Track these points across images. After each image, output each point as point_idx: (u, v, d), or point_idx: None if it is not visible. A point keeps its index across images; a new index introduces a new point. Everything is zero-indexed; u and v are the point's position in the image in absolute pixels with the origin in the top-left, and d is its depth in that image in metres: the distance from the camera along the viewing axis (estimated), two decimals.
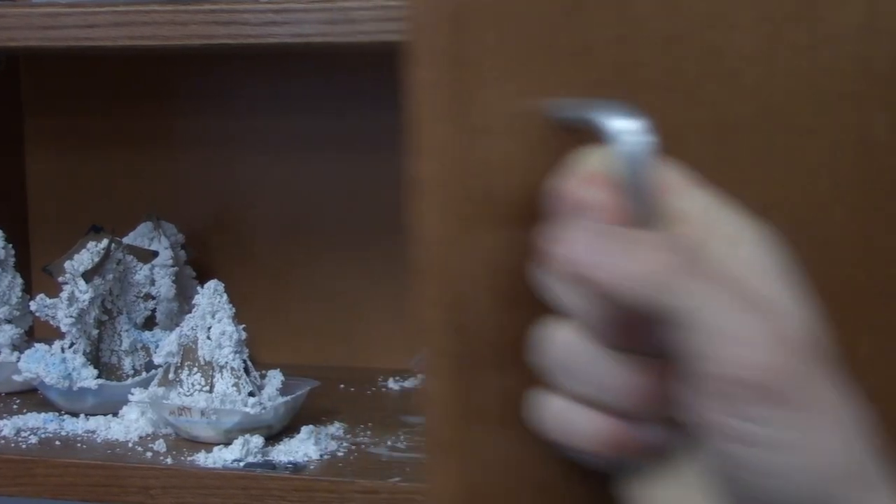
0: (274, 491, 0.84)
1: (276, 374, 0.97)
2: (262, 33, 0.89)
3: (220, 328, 0.94)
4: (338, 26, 0.87)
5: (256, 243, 1.23)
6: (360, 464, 0.88)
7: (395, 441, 0.94)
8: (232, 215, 1.24)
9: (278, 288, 1.23)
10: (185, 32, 0.90)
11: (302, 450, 0.90)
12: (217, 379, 0.94)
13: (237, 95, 1.22)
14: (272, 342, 1.19)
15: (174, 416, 0.93)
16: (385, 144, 1.18)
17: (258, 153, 1.22)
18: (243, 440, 0.89)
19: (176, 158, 1.24)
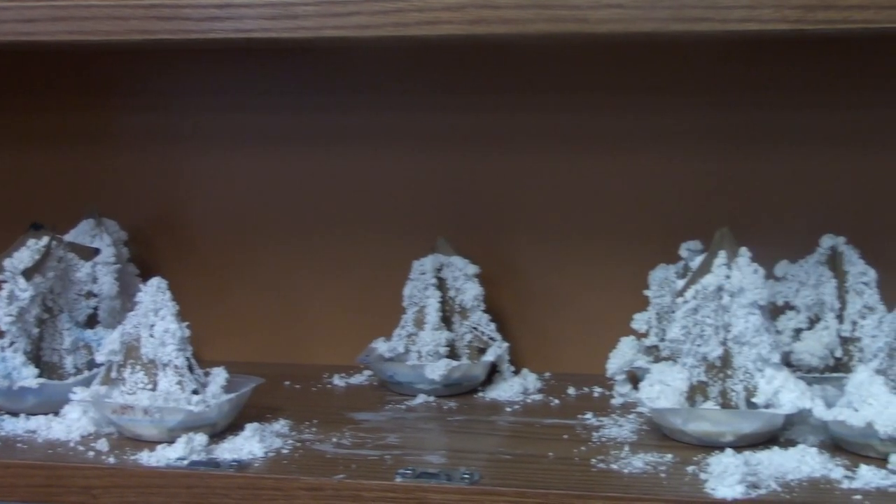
0: (218, 489, 0.83)
1: (221, 371, 0.96)
2: (204, 29, 0.88)
3: (163, 326, 0.93)
4: (280, 21, 0.86)
5: (200, 240, 1.22)
6: (305, 461, 0.88)
7: (340, 438, 0.93)
8: (175, 212, 1.23)
9: (222, 285, 1.22)
10: (126, 27, 0.89)
11: (246, 447, 0.89)
12: (160, 377, 0.93)
13: (179, 91, 1.21)
14: (216, 340, 1.18)
15: (117, 415, 0.92)
16: (328, 140, 1.19)
17: (201, 149, 1.21)
18: (187, 438, 0.89)
19: (118, 155, 1.23)
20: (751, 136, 1.10)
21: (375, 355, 1.10)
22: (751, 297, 0.90)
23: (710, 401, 0.91)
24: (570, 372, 1.13)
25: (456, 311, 1.10)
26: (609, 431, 0.94)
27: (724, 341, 0.91)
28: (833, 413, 0.87)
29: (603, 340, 1.06)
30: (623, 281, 1.11)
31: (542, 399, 1.06)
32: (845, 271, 1.03)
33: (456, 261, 1.11)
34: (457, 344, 1.10)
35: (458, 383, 1.07)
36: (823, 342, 1.02)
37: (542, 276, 1.16)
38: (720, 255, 0.92)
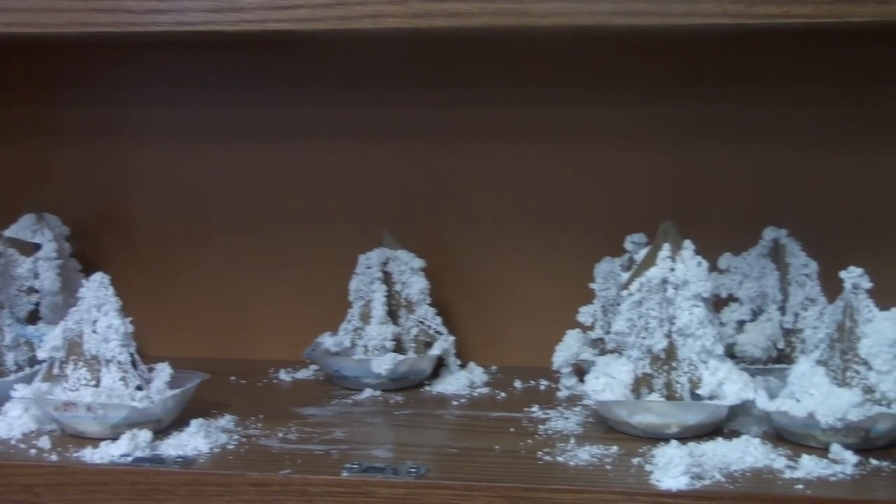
0: (162, 485, 0.83)
1: (165, 367, 0.95)
2: (146, 21, 0.87)
3: (106, 321, 0.92)
4: (223, 14, 0.85)
5: (143, 235, 1.21)
6: (251, 456, 0.87)
7: (286, 433, 0.93)
8: (118, 207, 1.21)
9: (166, 280, 1.21)
10: (65, 20, 0.87)
11: (191, 443, 0.89)
12: (103, 373, 0.92)
13: (121, 85, 1.20)
14: (160, 335, 1.18)
15: (59, 412, 0.91)
16: (273, 135, 1.18)
17: (144, 144, 1.20)
18: (131, 435, 0.88)
19: (58, 149, 1.22)
20: (694, 129, 1.11)
21: (321, 350, 1.10)
22: (695, 290, 0.91)
23: (655, 393, 0.91)
24: (516, 365, 1.13)
25: (402, 305, 1.10)
26: (555, 424, 0.95)
27: (668, 333, 0.92)
28: (775, 404, 0.88)
29: (549, 333, 1.06)
30: (568, 274, 1.12)
31: (489, 392, 1.06)
32: (787, 263, 1.04)
33: (402, 255, 1.11)
34: (403, 338, 1.10)
35: (404, 377, 1.07)
36: (766, 334, 1.03)
37: (487, 270, 1.16)
38: (664, 247, 0.92)
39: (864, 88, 1.07)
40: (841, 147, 1.08)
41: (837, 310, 0.89)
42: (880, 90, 1.07)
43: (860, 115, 1.08)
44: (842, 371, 0.87)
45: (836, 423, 0.84)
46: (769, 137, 1.09)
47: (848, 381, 0.87)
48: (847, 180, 1.09)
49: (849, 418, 0.84)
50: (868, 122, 1.08)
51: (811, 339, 1.00)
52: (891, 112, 1.07)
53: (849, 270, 0.88)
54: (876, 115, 1.07)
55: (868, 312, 0.88)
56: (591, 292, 1.08)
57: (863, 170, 1.08)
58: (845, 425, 0.84)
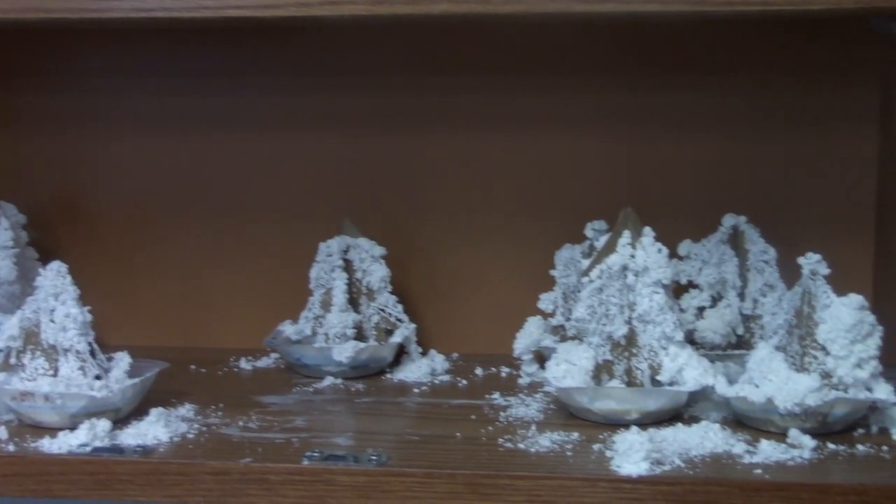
0: (122, 475, 0.82)
1: (124, 356, 0.95)
2: (103, 7, 0.86)
3: (63, 311, 0.92)
4: (180, 1, 0.85)
5: (101, 223, 1.20)
6: (211, 445, 0.87)
7: (246, 421, 0.92)
8: (76, 195, 1.20)
9: (125, 268, 1.20)
10: (23, 5, 0.87)
11: (151, 432, 0.88)
12: (62, 363, 0.91)
13: (78, 73, 1.19)
14: (119, 324, 1.17)
15: (17, 402, 0.90)
16: (233, 123, 1.17)
17: (102, 132, 1.19)
18: (90, 424, 0.87)
19: (16, 137, 1.20)
20: (654, 117, 1.11)
21: (282, 338, 1.10)
22: (655, 276, 0.91)
23: (616, 379, 0.92)
24: (477, 352, 1.13)
25: (363, 292, 1.10)
26: (516, 411, 0.95)
27: (629, 320, 0.92)
28: (735, 389, 0.89)
29: (510, 321, 1.06)
30: (529, 261, 1.12)
31: (450, 380, 1.07)
32: (746, 250, 1.04)
33: (362, 242, 1.10)
34: (364, 326, 1.09)
35: (365, 365, 1.07)
36: (726, 320, 1.03)
37: (448, 258, 1.16)
38: (625, 234, 0.92)
39: (821, 76, 1.08)
40: (800, 134, 1.09)
41: (796, 296, 0.90)
42: (837, 78, 1.08)
43: (817, 103, 1.08)
44: (800, 356, 0.88)
45: (795, 408, 0.85)
46: (728, 125, 1.10)
47: (806, 366, 0.88)
48: (806, 167, 1.09)
49: (807, 403, 0.84)
50: (825, 111, 1.08)
51: (770, 325, 1.01)
52: (846, 100, 1.08)
53: (807, 257, 0.89)
54: (832, 104, 1.08)
55: (826, 298, 0.88)
56: (551, 279, 1.08)
57: (821, 157, 1.09)
58: (803, 410, 0.85)
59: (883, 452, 0.83)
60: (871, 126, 1.07)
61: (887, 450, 0.84)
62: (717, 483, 0.78)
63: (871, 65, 1.06)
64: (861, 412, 0.88)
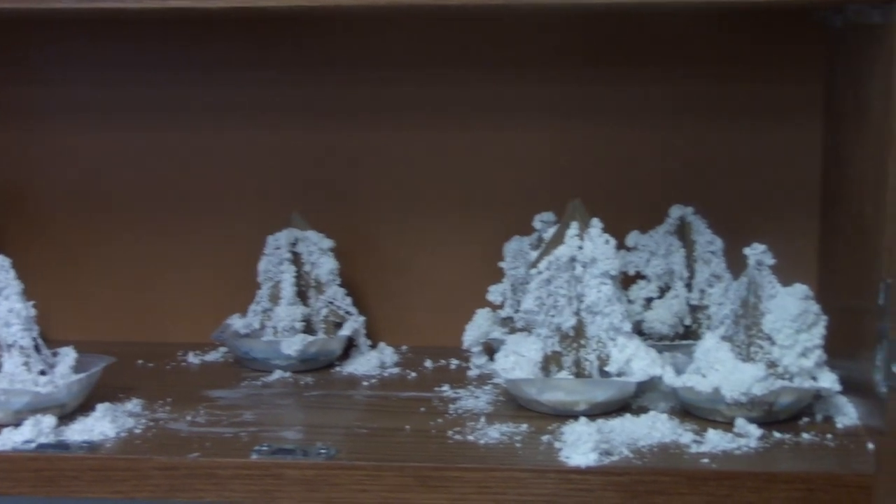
0: (68, 472, 0.82)
1: (69, 351, 0.94)
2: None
3: (7, 306, 0.91)
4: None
5: (45, 216, 1.19)
6: (159, 440, 0.86)
7: (195, 416, 0.92)
8: (19, 187, 1.19)
9: (70, 262, 1.19)
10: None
11: (98, 428, 0.88)
12: (5, 358, 0.90)
13: (22, 63, 1.17)
14: (64, 319, 1.15)
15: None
16: (178, 114, 1.16)
17: (44, 122, 1.17)
18: (34, 420, 0.86)
19: None
20: (602, 109, 1.11)
21: (230, 332, 1.09)
22: (603, 268, 0.92)
23: (565, 370, 0.92)
24: (426, 345, 1.13)
25: (311, 285, 1.10)
26: (465, 403, 0.95)
27: (577, 311, 0.92)
28: (682, 380, 0.89)
29: (459, 313, 1.06)
30: (478, 253, 1.12)
31: (399, 372, 1.06)
32: (693, 241, 1.05)
33: (310, 235, 1.10)
34: (313, 319, 1.09)
35: (314, 358, 1.07)
36: (673, 311, 1.04)
37: (397, 250, 1.16)
38: (572, 226, 0.93)
39: (766, 69, 1.09)
40: (745, 126, 1.10)
41: (742, 286, 0.91)
42: (782, 71, 1.09)
43: (762, 95, 1.09)
44: (746, 346, 0.89)
45: (741, 398, 0.85)
46: (675, 117, 1.10)
47: (752, 356, 0.88)
48: (751, 159, 1.10)
49: (753, 392, 0.85)
50: (770, 103, 1.09)
51: (717, 316, 1.01)
52: (791, 92, 1.09)
53: (752, 247, 0.90)
54: (777, 96, 1.09)
55: (771, 288, 0.89)
56: (500, 271, 1.08)
57: (767, 148, 1.10)
58: (749, 399, 0.86)
59: (827, 441, 0.84)
60: (815, 118, 1.08)
61: (831, 438, 0.85)
62: (665, 473, 0.78)
63: (815, 58, 1.07)
64: (806, 401, 0.89)
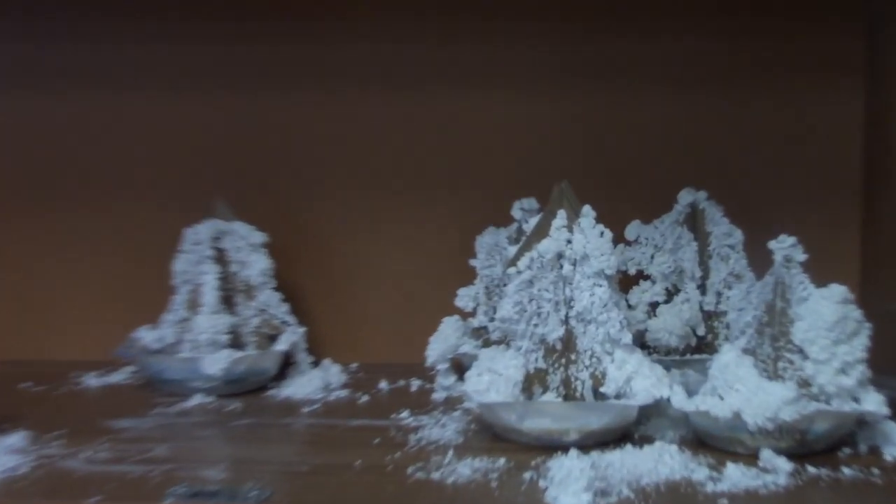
0: None
1: None
2: None
3: None
4: None
5: None
6: (50, 482, 0.86)
7: (94, 451, 0.91)
8: None
9: None
10: None
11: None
12: None
13: None
14: None
15: None
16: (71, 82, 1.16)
17: None
18: None
19: None
20: (597, 71, 1.12)
21: (138, 347, 1.09)
22: (597, 266, 0.92)
23: (551, 392, 0.92)
24: (381, 362, 1.13)
25: (239, 289, 1.10)
26: (430, 433, 0.95)
27: (565, 319, 0.92)
28: (695, 403, 0.89)
29: (421, 322, 1.06)
30: (444, 249, 1.12)
31: (348, 395, 1.06)
32: (707, 232, 1.05)
33: (238, 228, 1.10)
34: (241, 330, 1.09)
35: (243, 379, 1.06)
36: (683, 318, 1.04)
37: (345, 245, 1.16)
38: (559, 215, 0.93)
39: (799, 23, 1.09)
40: (773, 92, 1.10)
41: (767, 288, 0.91)
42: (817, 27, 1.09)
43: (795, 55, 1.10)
44: (773, 361, 0.89)
45: (767, 424, 0.85)
46: (687, 81, 1.11)
47: (780, 372, 0.89)
48: (776, 129, 1.11)
49: (781, 418, 0.85)
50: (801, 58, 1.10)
51: (736, 324, 1.02)
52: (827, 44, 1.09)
53: (779, 240, 0.90)
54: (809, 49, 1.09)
55: (803, 290, 0.89)
56: (471, 271, 1.08)
57: (798, 119, 1.10)
58: (777, 426, 0.86)
59: (873, 476, 0.84)
60: (855, 78, 1.08)
61: (878, 473, 0.85)
62: None
63: (854, 10, 1.07)
64: (847, 428, 0.89)
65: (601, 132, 1.11)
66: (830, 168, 1.10)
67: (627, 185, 1.11)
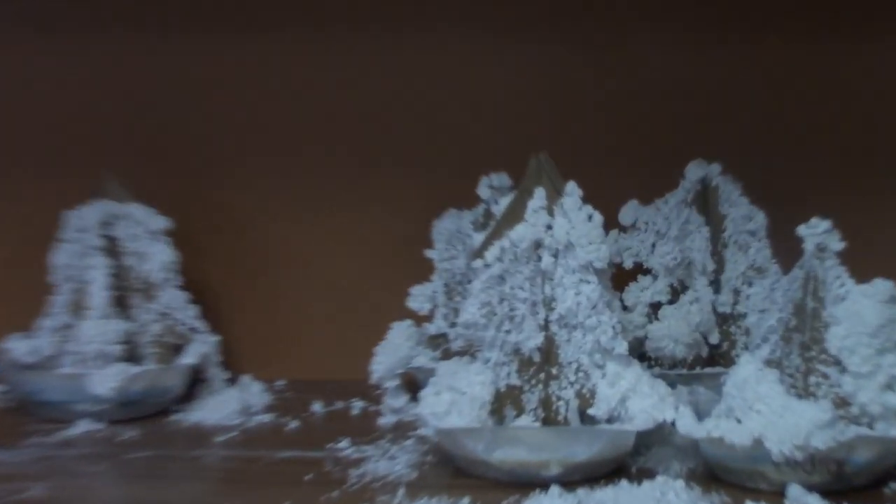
0: None
1: None
2: None
3: None
4: None
5: None
6: None
7: None
8: None
9: None
10: None
11: None
12: None
13: None
14: None
15: None
16: None
17: None
18: None
19: None
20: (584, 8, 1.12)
21: (8, 361, 1.08)
22: (583, 258, 0.92)
23: (527, 415, 0.92)
24: (315, 378, 1.14)
25: (136, 288, 1.09)
26: (376, 466, 0.95)
27: (545, 324, 0.92)
28: (707, 427, 0.90)
29: (364, 329, 1.07)
30: (393, 238, 1.12)
31: (273, 421, 1.06)
32: (722, 215, 1.06)
33: (134, 211, 1.10)
34: (138, 339, 1.09)
35: (140, 400, 1.06)
36: (692, 322, 1.05)
37: (269, 234, 1.16)
38: (537, 194, 0.93)
39: None
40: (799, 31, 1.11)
41: (795, 284, 0.91)
42: None
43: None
44: (803, 375, 0.90)
45: (796, 454, 0.86)
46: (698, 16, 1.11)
47: (812, 389, 0.89)
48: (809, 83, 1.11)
49: (814, 445, 0.86)
50: None
51: (758, 329, 1.02)
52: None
53: (811, 224, 0.90)
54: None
55: (840, 287, 0.90)
56: (427, 264, 1.09)
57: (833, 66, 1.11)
58: (809, 456, 0.86)
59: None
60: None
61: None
62: None
63: None
64: (894, 457, 0.89)
65: (589, 89, 1.12)
66: (878, 137, 1.10)
67: (622, 155, 1.11)
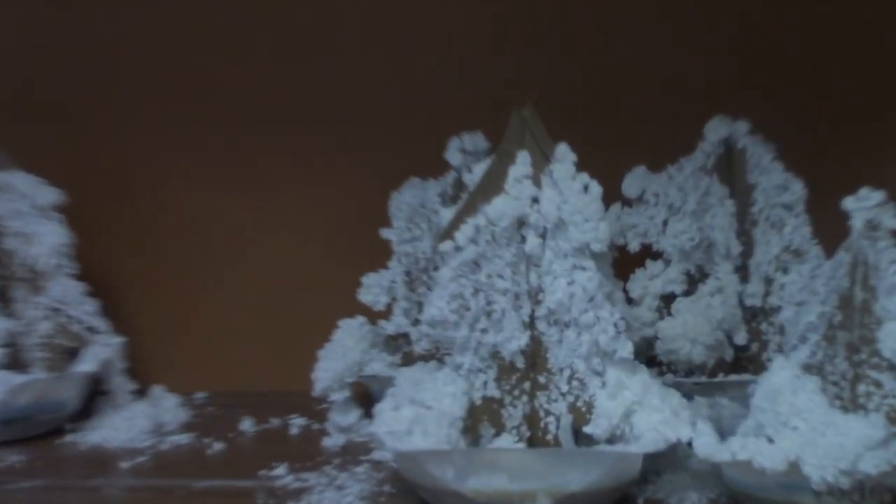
0: None
1: None
2: None
3: None
4: None
5: None
6: None
7: None
8: None
9: None
10: None
11: None
12: None
13: None
14: None
15: None
16: None
17: None
18: None
19: None
20: None
21: None
22: (578, 239, 0.92)
23: (508, 434, 0.93)
24: (243, 390, 1.14)
25: (19, 277, 1.10)
26: (319, 498, 0.95)
27: (530, 322, 0.93)
28: (731, 449, 0.90)
29: (305, 330, 1.07)
30: (340, 215, 1.13)
31: (192, 442, 1.07)
32: (751, 185, 1.06)
33: (18, 181, 1.10)
34: (22, 341, 1.09)
35: (26, 417, 1.07)
36: (713, 318, 1.05)
37: (185, 213, 1.16)
38: (520, 159, 0.93)
39: None
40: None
41: (841, 270, 0.91)
42: None
43: None
44: (850, 383, 0.90)
45: (841, 480, 0.86)
46: None
47: (861, 401, 0.90)
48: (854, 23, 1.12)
49: (863, 470, 0.86)
50: None
51: (794, 326, 1.02)
52: None
53: (860, 196, 0.91)
54: None
55: (894, 274, 0.90)
56: (384, 247, 1.09)
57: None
58: (857, 483, 0.87)
59: None
60: None
61: None
62: None
63: None
64: None
65: (583, 28, 1.12)
66: None
67: (626, 111, 1.11)
